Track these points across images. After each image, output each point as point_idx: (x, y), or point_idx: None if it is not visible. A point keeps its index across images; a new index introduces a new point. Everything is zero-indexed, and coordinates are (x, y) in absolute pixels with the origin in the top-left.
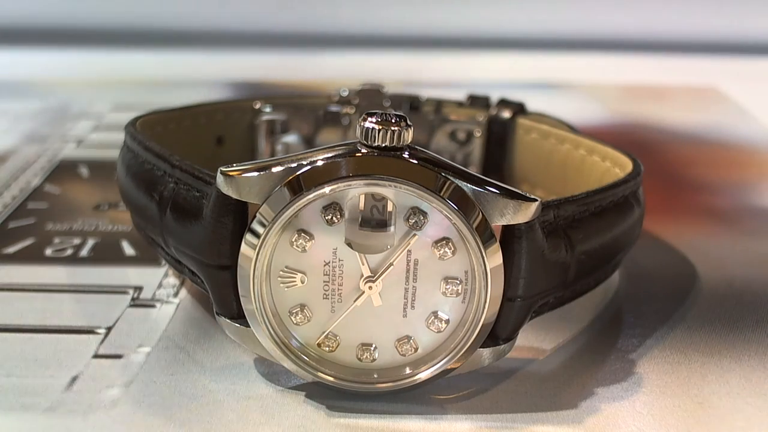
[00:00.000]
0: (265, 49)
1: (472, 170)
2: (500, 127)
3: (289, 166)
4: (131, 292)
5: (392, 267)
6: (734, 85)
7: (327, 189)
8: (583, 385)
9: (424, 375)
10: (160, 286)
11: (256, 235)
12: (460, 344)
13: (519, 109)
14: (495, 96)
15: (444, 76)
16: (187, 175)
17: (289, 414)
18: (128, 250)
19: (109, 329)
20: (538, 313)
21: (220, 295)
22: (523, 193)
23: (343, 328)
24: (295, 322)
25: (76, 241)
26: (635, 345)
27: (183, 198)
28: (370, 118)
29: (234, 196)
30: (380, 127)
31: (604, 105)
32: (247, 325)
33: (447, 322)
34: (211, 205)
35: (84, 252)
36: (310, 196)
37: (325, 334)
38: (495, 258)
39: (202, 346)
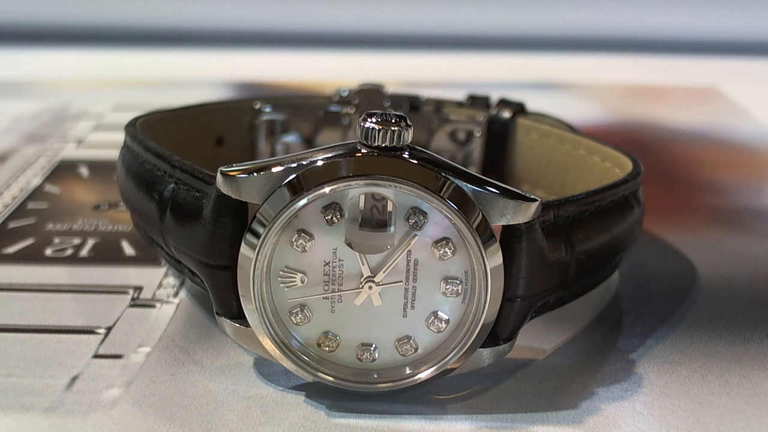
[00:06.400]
0: (265, 49)
1: (472, 170)
2: (500, 127)
3: (289, 166)
4: (131, 292)
5: (392, 267)
6: (734, 85)
7: (327, 189)
8: (583, 385)
9: (424, 375)
10: (160, 286)
11: (256, 235)
12: (460, 344)
13: (519, 109)
14: (495, 96)
15: (444, 76)
16: (187, 175)
17: (289, 414)
18: (128, 250)
19: (109, 329)
20: (538, 313)
21: (220, 295)
22: (523, 193)
23: (343, 328)
24: (295, 322)
25: (76, 241)
26: (635, 345)
27: (183, 198)
28: (370, 118)
29: (234, 196)
30: (380, 127)
31: (604, 105)
32: (247, 325)
33: (447, 322)
34: (211, 205)
35: (84, 252)
36: (310, 196)
37: (325, 334)
38: (495, 258)
39: (202, 346)
